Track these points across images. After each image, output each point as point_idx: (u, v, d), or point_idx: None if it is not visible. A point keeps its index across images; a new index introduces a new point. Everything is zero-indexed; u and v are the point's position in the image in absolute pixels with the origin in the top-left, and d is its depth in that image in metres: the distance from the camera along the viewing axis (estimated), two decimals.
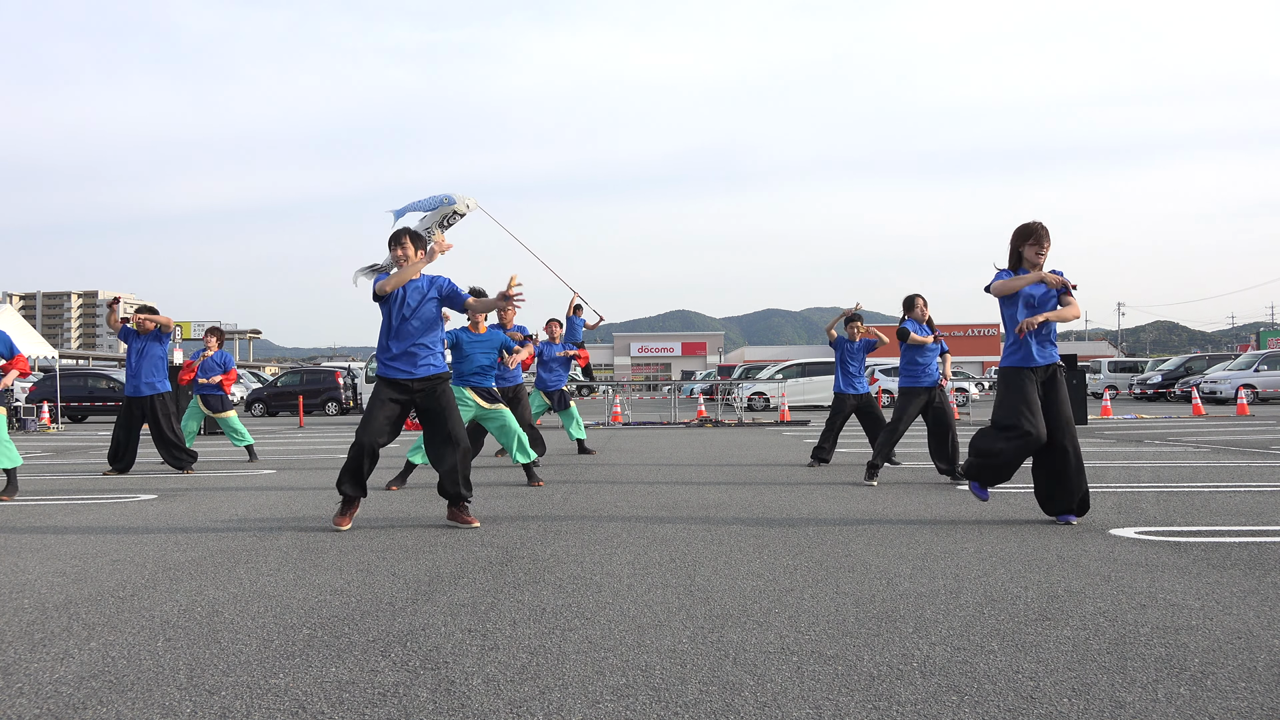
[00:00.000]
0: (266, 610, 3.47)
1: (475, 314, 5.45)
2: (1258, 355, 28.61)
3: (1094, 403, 23.26)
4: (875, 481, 7.63)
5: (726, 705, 2.43)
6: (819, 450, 9.32)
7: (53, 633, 3.21)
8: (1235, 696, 2.45)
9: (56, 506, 6.79)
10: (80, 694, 2.58)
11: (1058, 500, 5.30)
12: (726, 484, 7.72)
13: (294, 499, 7.04)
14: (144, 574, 4.18)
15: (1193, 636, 2.98)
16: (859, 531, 5.13)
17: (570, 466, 9.57)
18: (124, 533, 5.41)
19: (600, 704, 2.46)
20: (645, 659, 2.83)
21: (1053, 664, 2.73)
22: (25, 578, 4.14)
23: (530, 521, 5.66)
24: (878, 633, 3.07)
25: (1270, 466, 8.46)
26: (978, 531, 5.09)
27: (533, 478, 7.79)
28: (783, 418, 20.48)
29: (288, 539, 5.11)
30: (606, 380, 46.48)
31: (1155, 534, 4.88)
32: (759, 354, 77.62)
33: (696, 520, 5.63)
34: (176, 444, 9.47)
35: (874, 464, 7.75)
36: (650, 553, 4.54)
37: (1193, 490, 6.77)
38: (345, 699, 2.52)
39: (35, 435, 18.51)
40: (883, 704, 2.43)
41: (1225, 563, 4.10)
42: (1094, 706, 2.38)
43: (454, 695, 2.53)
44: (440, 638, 3.08)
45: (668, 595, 3.64)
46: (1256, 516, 5.46)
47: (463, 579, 3.99)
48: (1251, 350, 35.80)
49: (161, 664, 2.83)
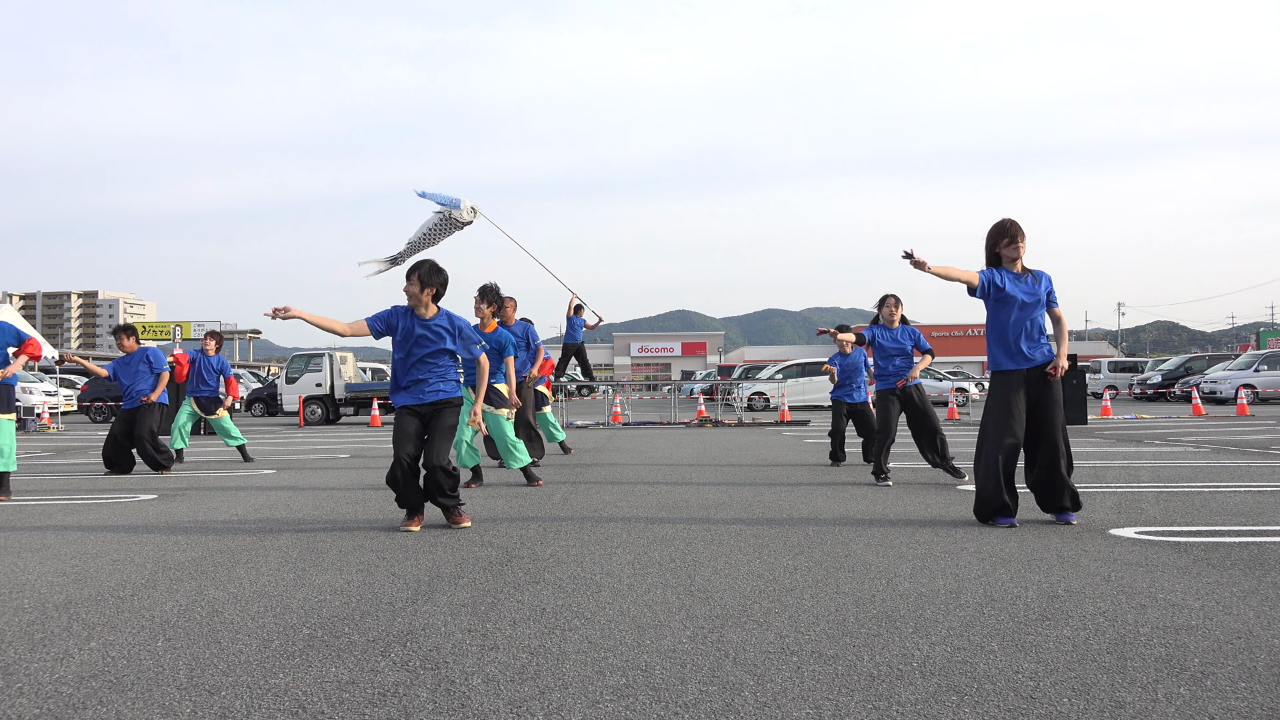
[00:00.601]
0: (266, 610, 3.47)
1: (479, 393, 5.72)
2: (1258, 355, 28.62)
3: (1094, 403, 23.26)
4: (890, 481, 7.68)
5: (726, 705, 2.43)
6: (833, 455, 9.58)
7: (53, 633, 3.21)
8: (1235, 696, 2.44)
9: (56, 506, 6.79)
10: (80, 694, 2.57)
11: (1052, 497, 5.30)
12: (726, 484, 7.72)
13: (294, 499, 7.04)
14: (144, 574, 4.18)
15: (1193, 636, 2.98)
16: (859, 531, 5.13)
17: (570, 467, 9.57)
18: (124, 533, 5.41)
19: (600, 704, 2.46)
20: (645, 659, 2.82)
21: (1053, 664, 2.73)
22: (25, 578, 4.14)
23: (530, 521, 5.66)
24: (878, 633, 3.07)
25: (1270, 466, 8.46)
26: (978, 531, 5.09)
27: (532, 479, 7.79)
28: (783, 418, 20.48)
29: (288, 539, 5.11)
30: (606, 380, 46.49)
31: (1155, 534, 4.88)
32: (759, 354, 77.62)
33: (696, 520, 5.63)
34: (153, 446, 9.57)
35: (878, 469, 7.78)
36: (650, 553, 4.54)
37: (1193, 490, 6.77)
38: (345, 699, 2.52)
39: (35, 435, 18.51)
40: (883, 704, 2.43)
41: (1225, 563, 4.10)
42: (1094, 706, 2.38)
43: (454, 695, 2.53)
44: (440, 638, 3.08)
45: (668, 595, 3.64)
46: (1256, 516, 5.46)
47: (463, 579, 3.99)
48: (1251, 350, 35.81)
49: (161, 664, 2.83)
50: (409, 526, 5.38)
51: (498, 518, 5.84)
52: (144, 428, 9.49)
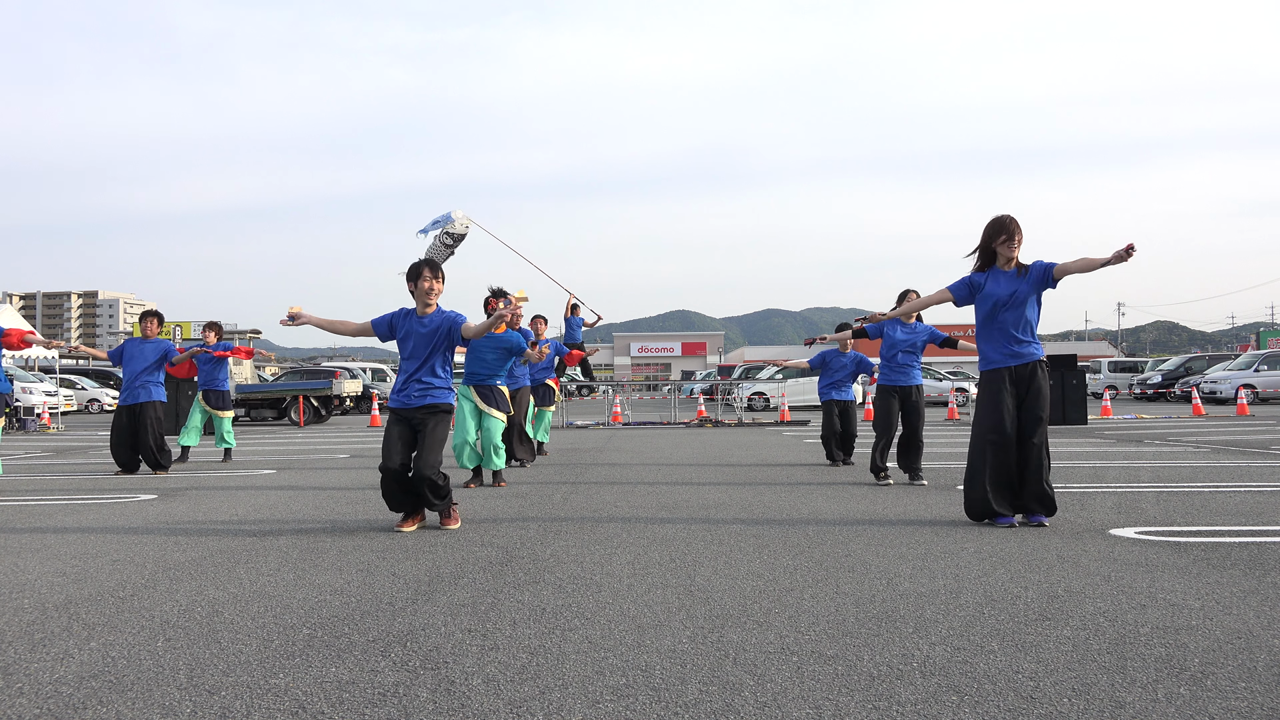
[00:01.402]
0: (266, 610, 3.47)
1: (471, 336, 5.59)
2: (1258, 355, 28.62)
3: (1094, 403, 23.26)
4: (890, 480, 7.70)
5: (726, 705, 2.43)
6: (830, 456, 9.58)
7: (53, 633, 3.21)
8: (1235, 696, 2.44)
9: (56, 506, 6.78)
10: (80, 694, 2.57)
11: (1021, 497, 5.26)
12: (726, 484, 7.72)
13: (294, 499, 7.04)
14: (144, 574, 4.18)
15: (1193, 636, 2.98)
16: (859, 531, 5.13)
17: (570, 467, 9.58)
18: (124, 533, 5.41)
19: (600, 704, 2.45)
20: (645, 659, 2.82)
21: (1053, 664, 2.73)
22: (25, 578, 4.14)
23: (530, 522, 5.66)
24: (878, 633, 3.07)
25: (1270, 466, 8.46)
26: (978, 531, 5.09)
27: (498, 478, 7.81)
28: (783, 418, 20.48)
29: (288, 539, 5.11)
30: (606, 380, 46.49)
31: (1155, 534, 4.88)
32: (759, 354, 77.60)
33: (696, 520, 5.63)
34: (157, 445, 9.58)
35: (876, 467, 7.78)
36: (650, 553, 4.54)
37: (1193, 490, 6.77)
38: (345, 699, 2.52)
39: (35, 435, 18.51)
40: (883, 704, 2.43)
41: (1225, 563, 4.10)
42: (1094, 706, 2.38)
43: (454, 695, 2.53)
44: (440, 638, 3.08)
45: (668, 595, 3.64)
46: (1256, 516, 5.46)
47: (463, 579, 3.99)
48: (1251, 350, 35.80)
49: (161, 664, 2.83)
50: (406, 527, 5.38)
51: (498, 518, 5.84)
52: (152, 425, 9.48)
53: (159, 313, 9.97)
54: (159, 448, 9.53)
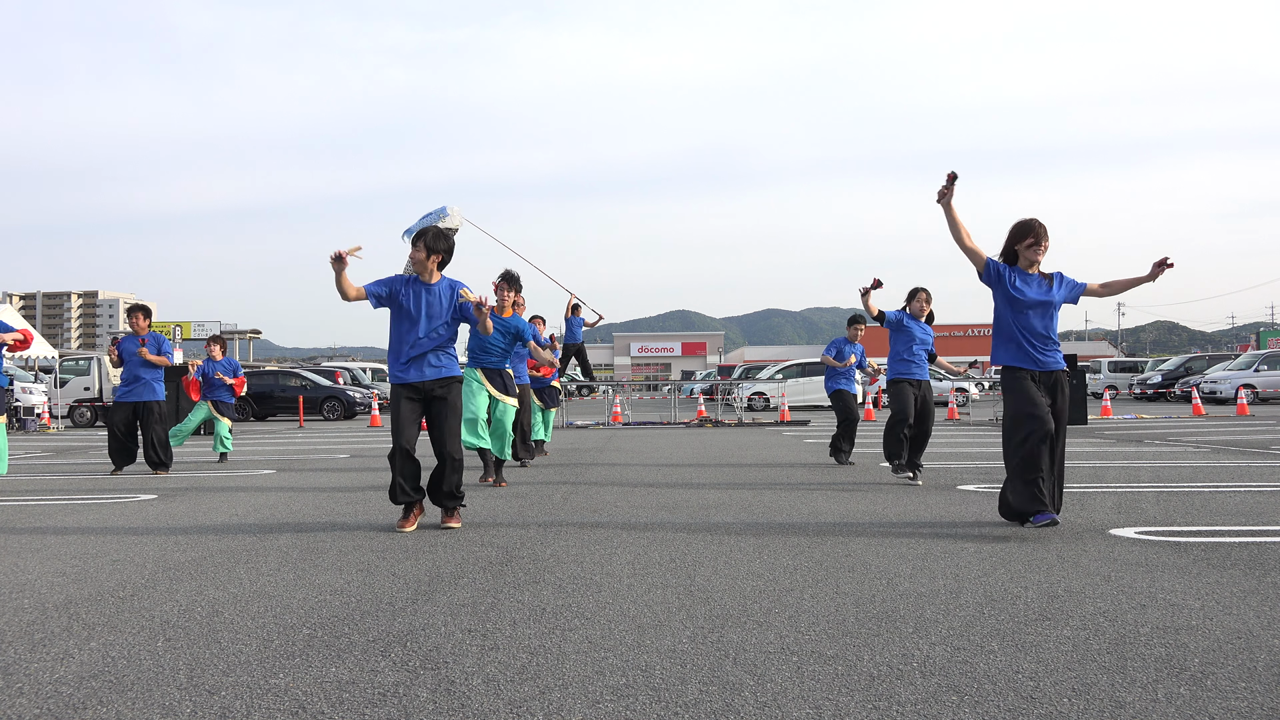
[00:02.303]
0: (266, 610, 3.47)
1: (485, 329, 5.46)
2: (1258, 355, 28.62)
3: (1094, 403, 23.25)
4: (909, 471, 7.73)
5: (726, 705, 2.43)
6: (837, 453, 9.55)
7: (53, 633, 3.21)
8: (1235, 696, 2.44)
9: (56, 506, 6.79)
10: (80, 694, 2.57)
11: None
12: (726, 484, 7.72)
13: (294, 499, 7.04)
14: (144, 574, 4.18)
15: (1193, 636, 2.98)
16: (859, 531, 5.13)
17: (570, 467, 9.57)
18: (124, 533, 5.41)
19: (600, 704, 2.45)
20: (645, 659, 2.82)
21: (1053, 664, 2.73)
22: (25, 578, 4.14)
23: (530, 522, 5.66)
24: (878, 633, 3.07)
25: (1270, 466, 8.46)
26: (978, 531, 5.09)
27: (499, 478, 7.79)
28: (783, 418, 20.48)
29: (288, 539, 5.11)
30: (606, 380, 46.47)
31: (1155, 534, 4.88)
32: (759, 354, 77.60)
33: (696, 520, 5.63)
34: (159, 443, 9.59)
35: (893, 455, 7.81)
36: (650, 553, 4.54)
37: (1193, 490, 6.77)
38: (345, 699, 2.52)
39: (35, 435, 18.51)
40: (883, 704, 2.43)
41: (1225, 563, 4.10)
42: (1094, 706, 2.38)
43: (454, 695, 2.53)
44: (440, 638, 3.08)
45: (668, 595, 3.64)
46: (1256, 516, 5.46)
47: (463, 579, 3.99)
48: (1251, 350, 35.80)
49: (161, 664, 2.83)
50: (406, 527, 5.35)
51: (498, 518, 5.84)
52: (154, 423, 9.49)
53: (146, 306, 9.91)
54: (161, 446, 9.54)
